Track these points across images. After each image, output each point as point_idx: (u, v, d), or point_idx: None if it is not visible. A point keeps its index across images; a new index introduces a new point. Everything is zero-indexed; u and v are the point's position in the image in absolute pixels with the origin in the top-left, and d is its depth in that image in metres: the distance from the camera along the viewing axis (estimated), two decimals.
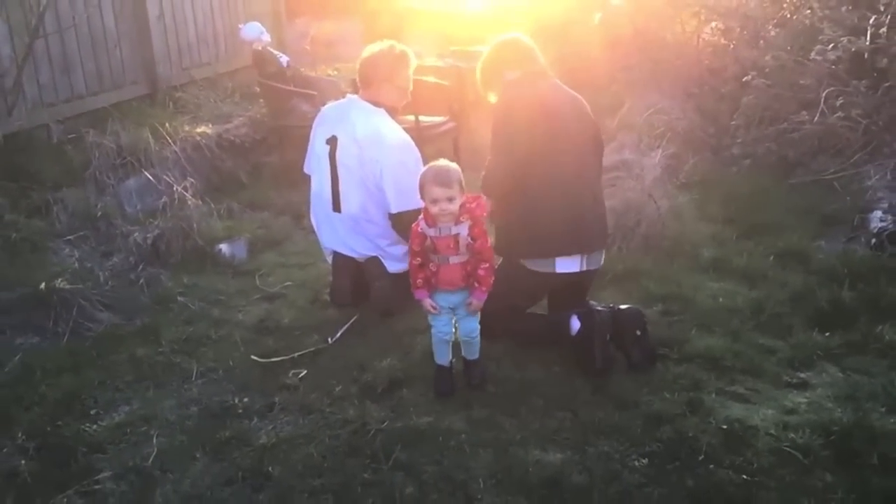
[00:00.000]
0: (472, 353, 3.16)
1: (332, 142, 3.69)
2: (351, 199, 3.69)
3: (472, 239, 2.99)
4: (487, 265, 3.02)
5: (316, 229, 3.94)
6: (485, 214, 3.06)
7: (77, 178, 5.13)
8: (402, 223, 3.62)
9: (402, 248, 3.77)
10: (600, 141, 3.58)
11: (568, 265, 3.33)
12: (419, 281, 3.04)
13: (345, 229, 3.77)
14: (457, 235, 2.98)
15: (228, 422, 2.92)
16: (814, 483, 2.55)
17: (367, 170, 3.61)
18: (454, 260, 3.00)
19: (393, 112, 3.74)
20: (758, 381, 3.17)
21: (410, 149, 3.68)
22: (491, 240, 3.13)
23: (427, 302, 3.04)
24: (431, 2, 9.20)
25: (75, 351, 3.44)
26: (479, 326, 3.13)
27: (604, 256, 3.54)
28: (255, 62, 6.27)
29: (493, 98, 3.57)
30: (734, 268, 4.20)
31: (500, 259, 3.39)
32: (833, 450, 2.70)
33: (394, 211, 3.63)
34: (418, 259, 3.03)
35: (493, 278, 3.05)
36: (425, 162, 3.65)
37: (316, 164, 3.81)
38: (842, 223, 4.74)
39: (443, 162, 3.03)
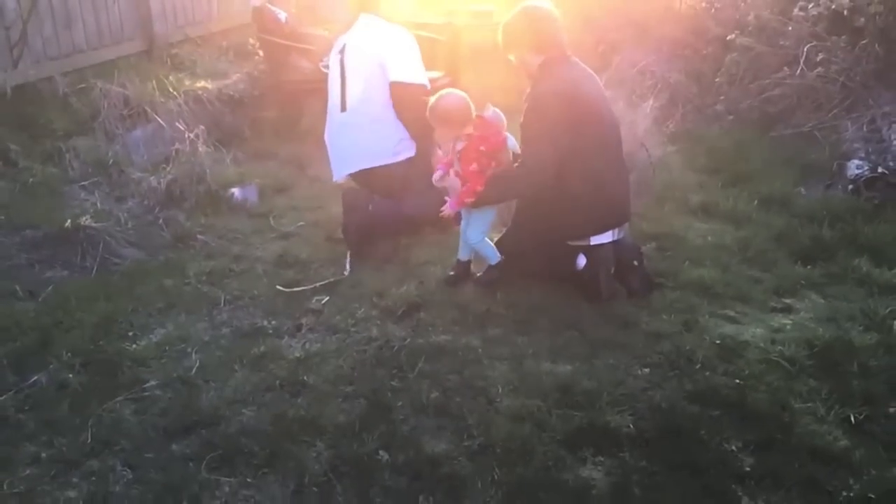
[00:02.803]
0: (480, 264, 3.54)
1: (342, 50, 4.08)
2: (354, 88, 4.01)
3: (458, 158, 3.36)
4: (466, 187, 3.34)
5: (330, 156, 4.22)
6: (483, 148, 3.34)
7: (85, 127, 5.27)
8: (402, 95, 3.97)
9: (401, 134, 4.03)
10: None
11: (601, 238, 3.47)
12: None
13: (349, 129, 4.06)
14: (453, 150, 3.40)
15: (260, 340, 3.13)
16: (800, 387, 2.83)
17: (370, 56, 3.97)
18: (452, 171, 3.39)
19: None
20: (747, 306, 3.44)
21: (412, 39, 4.07)
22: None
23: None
24: None
25: (106, 282, 3.62)
26: (480, 238, 3.52)
27: None
28: (255, 18, 6.39)
29: (512, 57, 3.58)
30: (721, 211, 4.46)
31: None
32: (816, 360, 2.98)
33: (394, 79, 3.95)
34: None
35: (467, 200, 3.35)
36: None
37: (330, 80, 4.16)
38: (821, 172, 5.00)
39: (444, 101, 3.40)
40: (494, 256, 3.57)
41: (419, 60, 4.06)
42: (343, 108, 4.06)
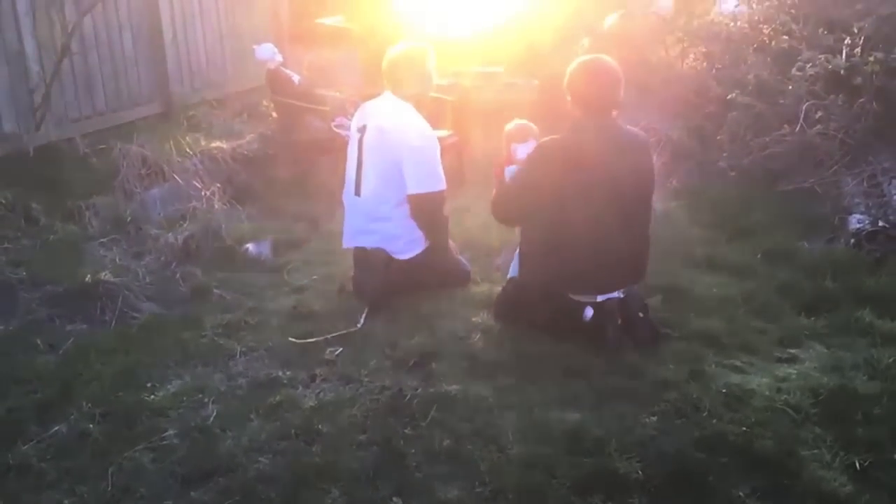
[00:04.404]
0: None
1: (361, 130, 4.07)
2: (369, 181, 4.02)
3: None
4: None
5: (344, 223, 4.26)
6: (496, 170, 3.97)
7: (104, 186, 5.44)
8: (419, 205, 3.97)
9: (410, 235, 4.05)
10: (646, 181, 3.66)
11: (608, 295, 3.59)
12: None
13: (362, 214, 4.09)
14: None
15: (276, 390, 3.19)
16: (805, 434, 2.88)
17: (387, 153, 3.95)
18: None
19: (420, 104, 4.09)
20: (752, 356, 3.51)
21: (431, 137, 4.05)
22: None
23: None
24: (425, 31, 9.60)
25: (124, 335, 3.72)
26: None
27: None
28: (269, 80, 6.61)
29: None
30: (725, 264, 4.54)
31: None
32: (821, 408, 3.03)
33: (412, 192, 3.95)
34: None
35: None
36: None
37: (349, 152, 4.17)
38: (823, 226, 5.10)
39: (511, 128, 4.00)
40: (514, 271, 3.80)
41: (437, 159, 4.03)
42: (357, 193, 4.06)
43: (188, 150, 5.87)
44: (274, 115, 7.17)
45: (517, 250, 3.83)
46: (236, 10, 8.12)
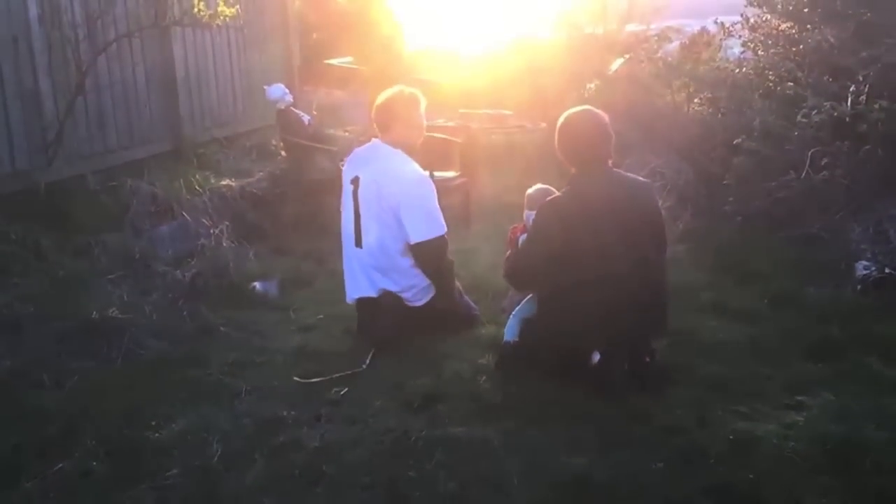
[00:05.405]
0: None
1: (355, 181, 4.05)
2: (370, 233, 4.01)
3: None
4: None
5: (345, 277, 4.24)
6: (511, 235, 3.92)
7: (114, 223, 5.48)
8: (423, 252, 3.97)
9: (419, 284, 4.06)
10: (656, 221, 3.71)
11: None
12: None
13: (364, 265, 4.07)
14: None
15: (281, 430, 3.19)
16: (814, 483, 2.85)
17: (385, 205, 3.94)
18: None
19: (411, 150, 4.09)
20: (759, 402, 3.47)
21: (427, 182, 4.04)
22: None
23: None
24: (432, 74, 9.74)
25: (130, 373, 3.73)
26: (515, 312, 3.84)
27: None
28: (279, 120, 6.69)
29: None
30: (731, 309, 4.53)
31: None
32: (830, 457, 3.00)
33: (413, 241, 3.95)
34: None
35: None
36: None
37: (344, 203, 4.17)
38: (829, 272, 5.08)
39: (530, 192, 3.95)
40: (510, 334, 3.75)
41: (435, 204, 4.01)
42: (358, 244, 4.05)
43: (198, 187, 5.93)
44: (283, 154, 7.25)
45: (522, 296, 3.85)
46: (248, 50, 8.25)
